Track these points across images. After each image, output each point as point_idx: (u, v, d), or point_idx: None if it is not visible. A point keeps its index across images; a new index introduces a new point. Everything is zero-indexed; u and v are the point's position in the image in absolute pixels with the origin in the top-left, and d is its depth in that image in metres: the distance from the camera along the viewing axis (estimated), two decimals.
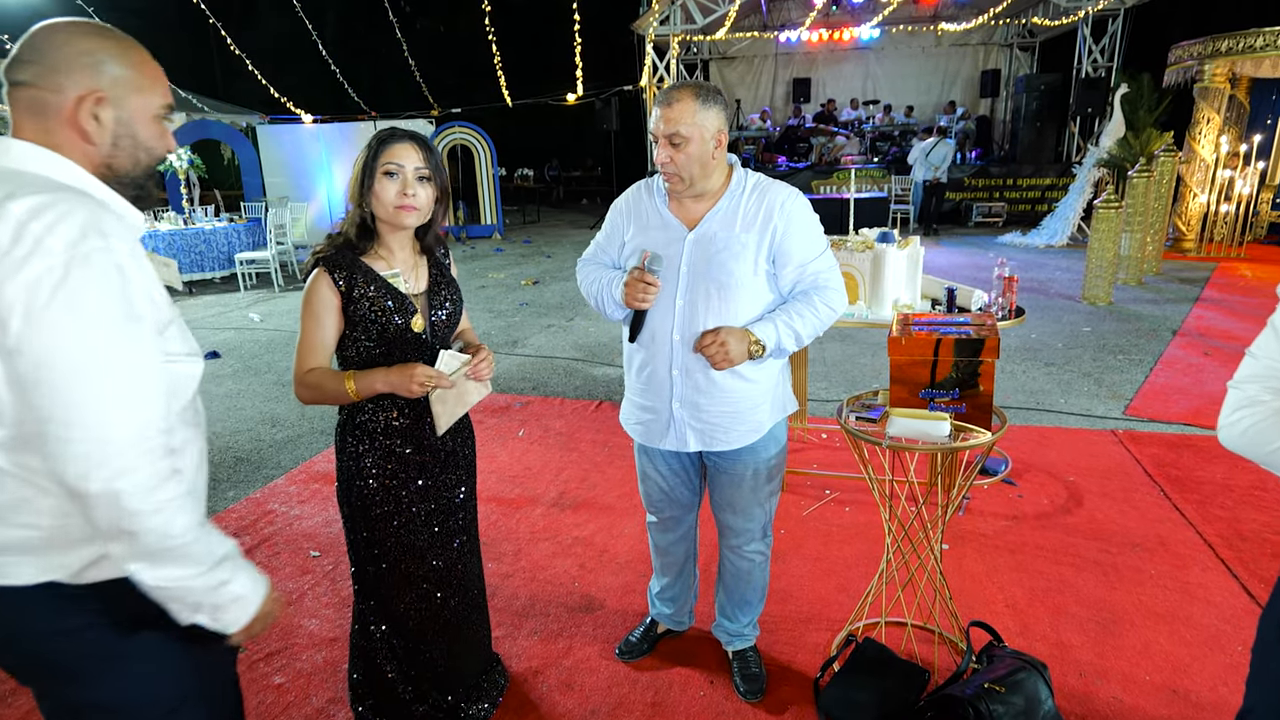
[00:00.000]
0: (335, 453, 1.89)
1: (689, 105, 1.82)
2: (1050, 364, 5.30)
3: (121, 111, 1.18)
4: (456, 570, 1.98)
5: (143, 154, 1.22)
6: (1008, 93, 15.27)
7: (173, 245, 9.22)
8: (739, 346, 1.87)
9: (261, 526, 3.37)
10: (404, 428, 1.83)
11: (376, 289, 1.72)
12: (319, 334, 1.72)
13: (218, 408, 5.03)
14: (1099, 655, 2.35)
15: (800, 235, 1.91)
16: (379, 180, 1.70)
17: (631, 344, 2.03)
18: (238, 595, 1.17)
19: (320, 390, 1.71)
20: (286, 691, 2.34)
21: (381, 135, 1.73)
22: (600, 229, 2.16)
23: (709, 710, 2.19)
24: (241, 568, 1.19)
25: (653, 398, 2.04)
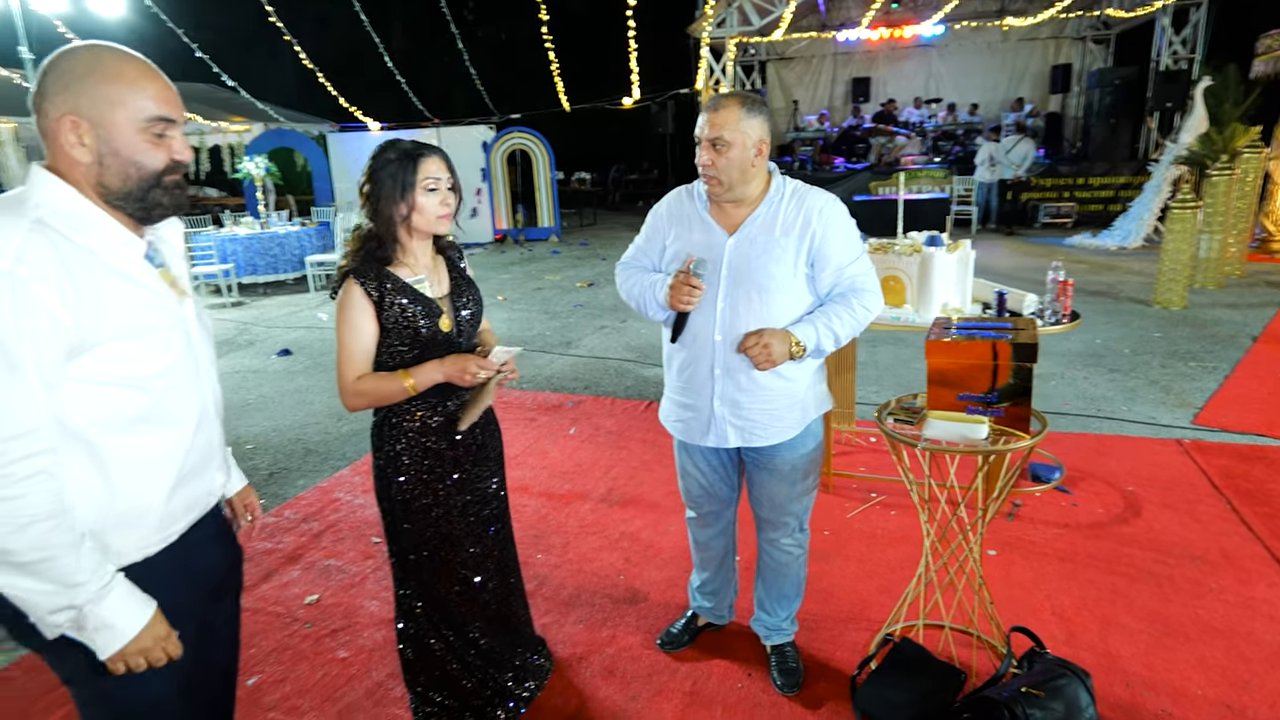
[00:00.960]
0: (373, 452, 1.97)
1: (734, 112, 1.89)
2: (1115, 370, 5.15)
3: (101, 130, 1.20)
4: (493, 556, 2.09)
5: (132, 169, 1.23)
6: (1080, 88, 14.74)
7: (250, 248, 9.69)
8: (781, 347, 1.92)
9: (328, 513, 3.56)
10: (439, 425, 1.92)
11: (406, 296, 1.82)
12: (359, 343, 1.81)
13: (289, 402, 5.29)
14: (1148, 667, 2.31)
15: (837, 239, 1.96)
16: (420, 195, 1.80)
17: (673, 344, 2.10)
18: (98, 627, 1.20)
19: (375, 394, 1.81)
20: (349, 665, 2.49)
21: (409, 150, 1.81)
22: (640, 233, 2.23)
23: (745, 701, 2.24)
24: (109, 605, 1.21)
25: (694, 396, 2.11)
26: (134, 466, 1.27)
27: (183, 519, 1.37)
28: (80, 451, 1.22)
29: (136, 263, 1.28)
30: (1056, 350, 5.63)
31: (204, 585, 1.45)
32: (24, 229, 1.13)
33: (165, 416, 1.30)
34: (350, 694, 2.38)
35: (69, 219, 1.20)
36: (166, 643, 1.29)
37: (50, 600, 1.17)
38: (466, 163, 13.62)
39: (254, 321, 8.11)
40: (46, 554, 1.15)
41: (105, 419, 1.23)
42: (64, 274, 1.15)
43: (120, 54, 1.24)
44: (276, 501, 3.75)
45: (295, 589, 2.97)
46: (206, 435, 1.41)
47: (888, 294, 3.33)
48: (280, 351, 6.68)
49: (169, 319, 1.32)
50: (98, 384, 1.21)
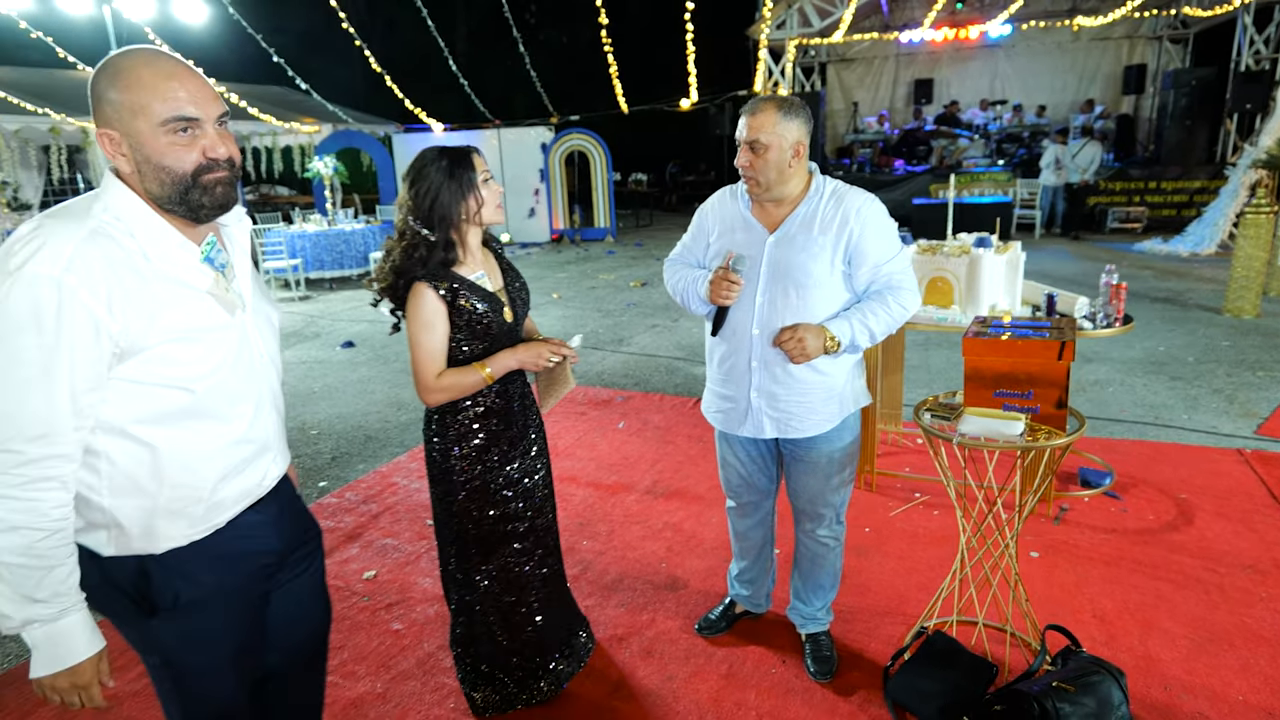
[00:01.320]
0: (430, 435, 2.07)
1: (771, 115, 1.97)
2: (1177, 378, 5.01)
3: (131, 139, 1.23)
4: (539, 537, 2.20)
5: (164, 174, 1.25)
6: (1154, 89, 14.22)
7: (318, 244, 10.11)
8: (815, 342, 1.98)
9: (386, 496, 3.75)
10: (499, 408, 2.05)
11: (474, 293, 1.93)
12: (436, 342, 1.91)
13: (351, 391, 5.54)
14: (1188, 671, 2.29)
15: (875, 238, 2.01)
16: (481, 190, 1.92)
17: (714, 337, 2.19)
18: (37, 644, 1.22)
19: (456, 388, 1.93)
20: (403, 636, 2.65)
21: (456, 152, 1.91)
22: (688, 230, 2.32)
23: (779, 686, 2.31)
24: (58, 629, 1.22)
25: (732, 387, 2.19)
26: (181, 459, 1.31)
27: (233, 507, 1.41)
28: (129, 443, 1.27)
29: (191, 267, 1.31)
30: (1116, 357, 5.50)
31: (254, 565, 1.49)
32: (79, 238, 1.18)
33: (212, 413, 1.34)
34: (403, 663, 2.52)
35: (128, 225, 1.25)
36: (86, 691, 1.30)
37: (3, 604, 1.19)
38: (525, 163, 13.90)
39: (320, 315, 8.46)
40: (23, 561, 1.18)
41: (149, 415, 1.28)
42: (114, 282, 1.19)
43: (140, 59, 1.24)
44: (338, 484, 3.95)
45: (354, 565, 3.15)
46: (261, 428, 1.45)
47: (936, 295, 3.35)
48: (344, 344, 6.97)
49: (220, 322, 1.34)
50: (145, 384, 1.26)
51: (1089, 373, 5.18)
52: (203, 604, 1.40)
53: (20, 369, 1.16)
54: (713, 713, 2.22)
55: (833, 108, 16.06)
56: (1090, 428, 4.20)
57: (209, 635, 1.42)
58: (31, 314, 1.14)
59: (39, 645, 1.25)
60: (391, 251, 1.95)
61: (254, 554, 1.48)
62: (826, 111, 15.05)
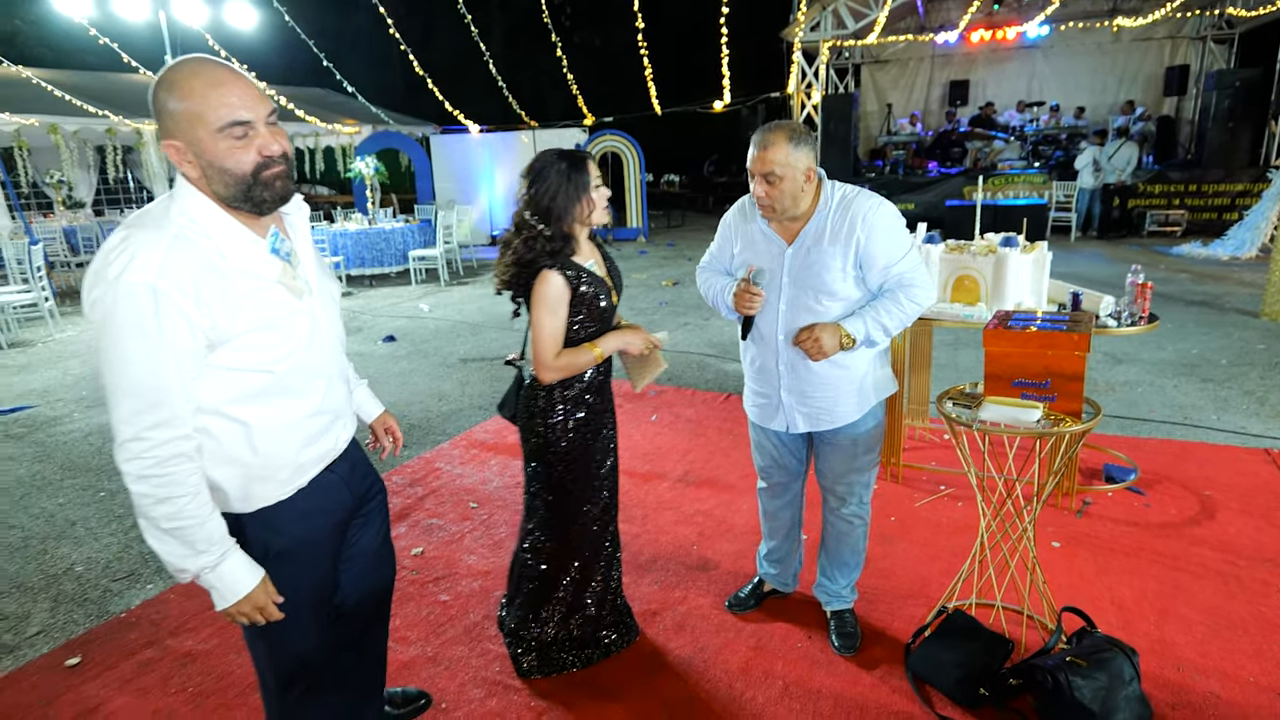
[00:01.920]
0: (535, 410, 2.20)
1: (783, 147, 2.07)
2: (1208, 380, 5.02)
3: (194, 146, 1.34)
4: (610, 514, 2.38)
5: (227, 176, 1.36)
6: (1197, 90, 13.99)
7: (358, 242, 10.40)
8: (831, 340, 2.12)
9: (430, 481, 3.94)
10: (598, 384, 2.25)
11: (591, 280, 2.12)
12: (558, 324, 2.08)
13: (394, 383, 5.77)
14: (1202, 654, 2.37)
15: (881, 242, 2.13)
16: (594, 193, 2.10)
17: (744, 341, 2.36)
18: (212, 585, 1.44)
19: (571, 366, 2.11)
20: (450, 607, 2.83)
21: (574, 158, 2.09)
22: (714, 239, 2.48)
23: (804, 659, 2.44)
24: (223, 571, 1.43)
25: (765, 386, 2.38)
26: (269, 432, 1.49)
27: (312, 469, 1.59)
28: (226, 421, 1.45)
29: (261, 260, 1.45)
30: (1147, 358, 5.52)
31: (334, 519, 1.67)
32: (165, 245, 1.32)
33: (292, 389, 1.50)
34: (450, 630, 2.70)
35: (204, 227, 1.38)
36: (264, 610, 1.51)
37: (178, 560, 1.41)
38: None
39: (361, 310, 8.74)
40: (180, 524, 1.38)
41: (239, 395, 1.44)
42: (200, 282, 1.33)
43: (193, 68, 1.34)
44: (385, 468, 4.15)
45: (403, 542, 3.34)
46: (332, 400, 1.62)
47: (962, 293, 3.45)
48: (385, 338, 7.22)
49: (292, 308, 1.48)
50: (234, 370, 1.42)
51: (1119, 374, 5.22)
52: (289, 554, 1.59)
53: (133, 368, 1.33)
54: (741, 681, 2.36)
55: (866, 109, 16.05)
56: (1118, 427, 4.25)
57: (294, 583, 1.60)
58: (135, 319, 1.30)
59: (214, 586, 1.45)
60: (511, 244, 2.12)
61: (330, 509, 1.66)
62: (860, 113, 15.04)
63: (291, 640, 1.67)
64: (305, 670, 1.71)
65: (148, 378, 1.33)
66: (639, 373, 2.35)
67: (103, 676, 2.52)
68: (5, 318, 7.58)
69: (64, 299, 9.83)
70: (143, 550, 3.36)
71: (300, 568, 1.61)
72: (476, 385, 5.63)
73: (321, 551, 1.67)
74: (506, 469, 4.07)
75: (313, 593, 1.66)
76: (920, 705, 2.21)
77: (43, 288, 7.87)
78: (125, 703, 2.39)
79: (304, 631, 1.68)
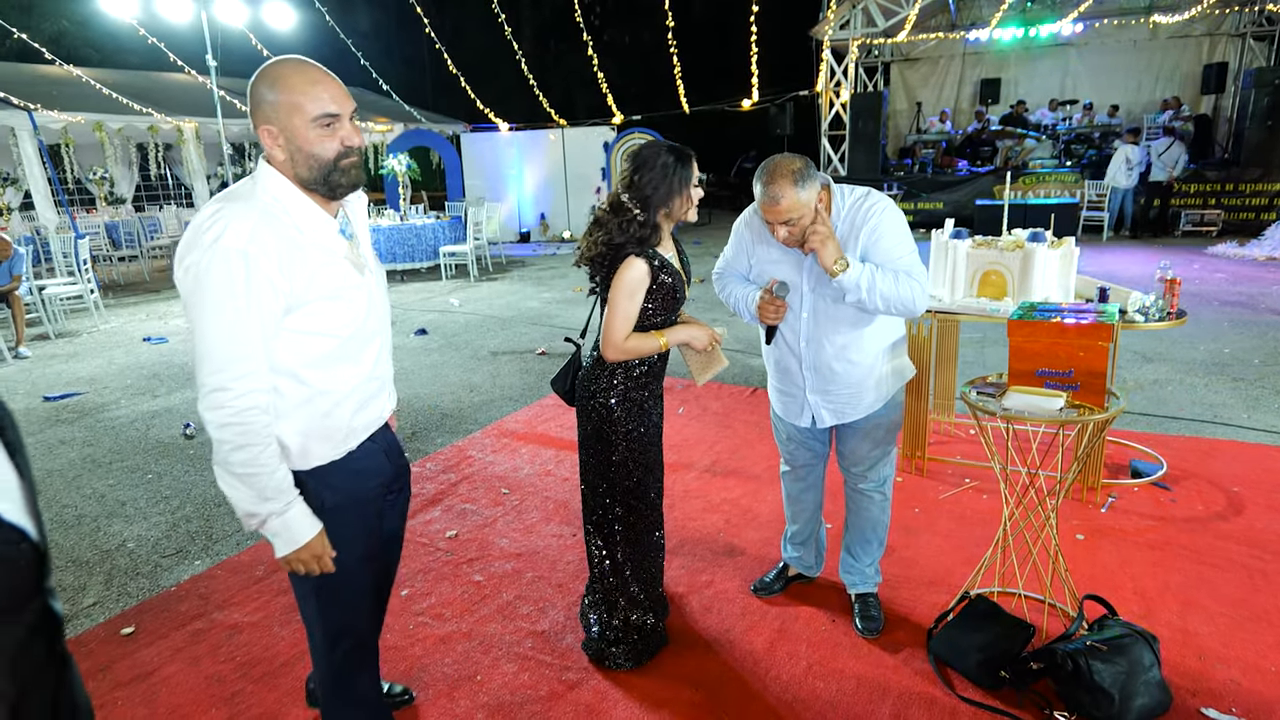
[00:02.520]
0: (597, 391, 2.26)
1: (789, 194, 2.09)
2: (1239, 379, 4.98)
3: (287, 132, 1.51)
4: (660, 496, 2.46)
5: (313, 160, 1.53)
6: (1235, 88, 13.73)
7: (390, 238, 10.60)
8: (834, 249, 2.13)
9: (463, 468, 4.06)
10: (659, 369, 2.33)
11: (669, 269, 2.19)
12: (634, 309, 2.15)
13: (426, 375, 5.90)
14: (1224, 644, 2.40)
15: (885, 244, 2.20)
16: (692, 190, 2.17)
17: (768, 345, 2.46)
18: (277, 532, 1.56)
19: (637, 350, 2.18)
20: (483, 587, 2.93)
21: (682, 153, 2.16)
22: (728, 244, 2.53)
23: (828, 641, 2.50)
24: (289, 518, 1.55)
25: (789, 385, 2.47)
26: (330, 394, 1.63)
27: (362, 434, 1.73)
28: (293, 382, 1.59)
29: (332, 235, 1.61)
30: (1178, 357, 5.48)
31: (376, 483, 1.80)
32: (254, 217, 1.48)
33: (350, 357, 1.66)
34: (484, 609, 2.80)
35: (284, 204, 1.54)
36: (321, 559, 1.63)
37: (249, 505, 1.53)
38: (587, 162, 14.23)
39: (394, 304, 8.85)
40: (253, 470, 1.51)
41: (309, 359, 1.59)
42: (282, 250, 1.49)
43: (294, 66, 1.53)
44: (418, 455, 4.28)
45: (437, 525, 3.45)
46: (383, 369, 1.79)
47: (989, 288, 3.48)
48: (417, 331, 7.37)
49: (356, 282, 1.64)
50: (305, 334, 1.57)
51: (1148, 372, 5.19)
52: (342, 509, 1.72)
53: (224, 325, 1.47)
54: (766, 661, 2.43)
55: (895, 108, 15.96)
56: (1146, 424, 4.25)
57: (346, 535, 1.72)
58: (227, 280, 1.45)
59: (278, 533, 1.58)
60: (603, 223, 2.18)
61: (374, 472, 1.80)
62: (889, 111, 14.98)
63: (343, 595, 1.79)
64: (352, 628, 1.83)
65: (236, 333, 1.47)
66: (700, 368, 2.41)
67: (156, 645, 2.66)
68: (53, 309, 7.86)
69: (107, 291, 10.14)
70: (190, 529, 3.51)
71: (351, 522, 1.74)
72: (507, 377, 5.75)
73: (369, 510, 1.79)
74: (537, 457, 4.17)
75: (362, 547, 1.78)
76: (942, 687, 2.26)
77: (88, 280, 8.14)
78: (178, 669, 2.52)
79: (355, 587, 1.80)
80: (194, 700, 2.36)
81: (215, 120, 10.46)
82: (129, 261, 12.24)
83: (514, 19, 14.86)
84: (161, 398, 5.52)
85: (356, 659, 1.87)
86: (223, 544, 3.37)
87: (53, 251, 8.46)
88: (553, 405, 5.00)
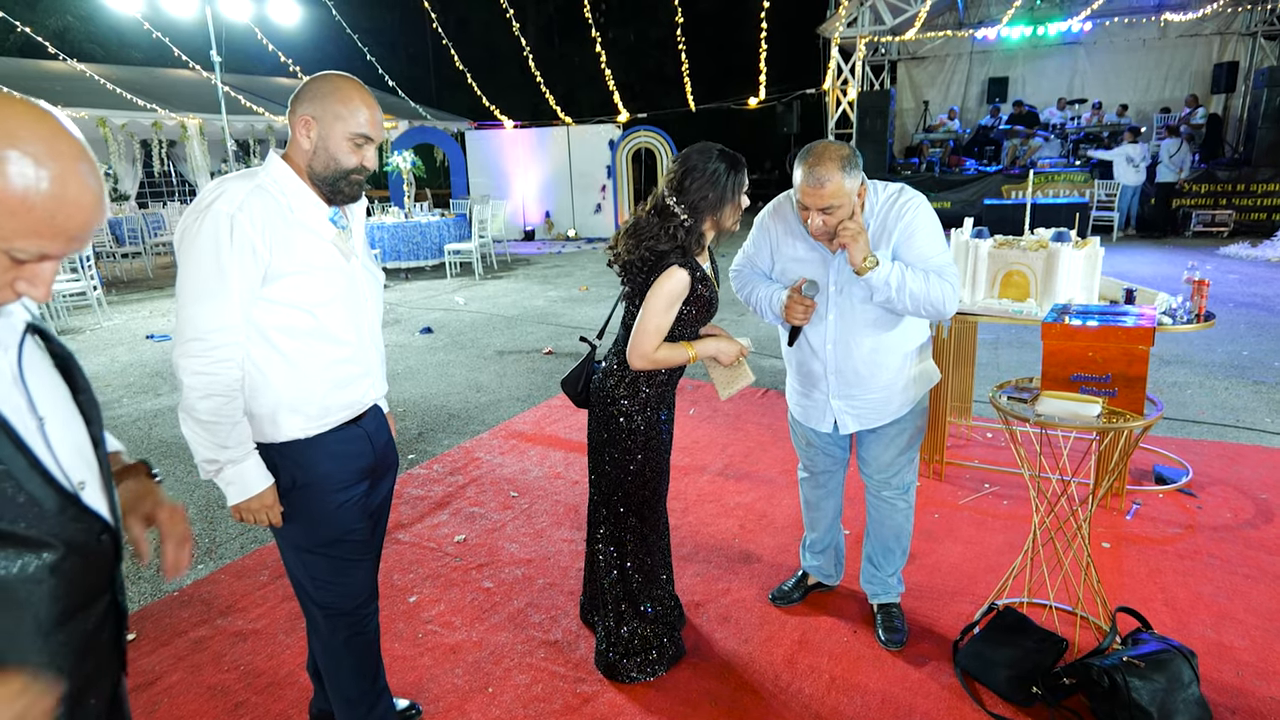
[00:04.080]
0: (618, 398, 2.19)
1: (836, 179, 1.99)
2: (1260, 382, 4.89)
3: (323, 131, 1.64)
4: (666, 503, 2.39)
5: (332, 163, 1.67)
6: (1246, 87, 13.60)
7: (395, 236, 10.53)
8: (865, 246, 2.05)
9: (471, 470, 3.98)
10: (677, 377, 2.25)
11: (706, 281, 2.11)
12: (668, 320, 2.07)
13: (432, 374, 5.83)
14: (1262, 658, 2.32)
15: (918, 242, 2.12)
16: (742, 199, 2.08)
17: (790, 347, 2.35)
18: (231, 480, 1.65)
19: (666, 361, 2.10)
20: (493, 594, 2.85)
21: (735, 161, 2.06)
22: (748, 239, 2.44)
23: (850, 653, 2.43)
24: (243, 468, 1.64)
25: (812, 390, 2.38)
26: (304, 366, 1.69)
27: (337, 414, 1.77)
28: (270, 348, 1.67)
29: (321, 221, 1.71)
30: (1197, 360, 5.39)
31: (353, 466, 1.82)
32: (248, 189, 1.61)
33: (327, 334, 1.71)
34: (494, 617, 2.73)
35: (281, 185, 1.66)
36: (270, 510, 1.71)
37: (208, 452, 1.62)
38: (592, 160, 14.16)
39: (398, 302, 8.84)
40: (216, 419, 1.60)
41: (287, 328, 1.66)
42: (267, 221, 1.60)
43: (353, 84, 1.68)
44: (425, 457, 4.20)
45: (445, 529, 3.38)
46: (364, 355, 1.81)
47: (1011, 289, 3.39)
48: (423, 329, 7.30)
49: (335, 264, 1.72)
50: (282, 304, 1.65)
51: (1168, 375, 5.10)
52: (314, 488, 1.76)
53: (205, 279, 1.58)
54: (787, 674, 2.35)
55: (902, 106, 15.85)
56: (1168, 428, 4.16)
57: (319, 514, 1.78)
58: (214, 238, 1.57)
59: (232, 482, 1.66)
60: (645, 227, 2.07)
61: (353, 456, 1.83)
62: (896, 110, 14.86)
63: (322, 574, 1.83)
64: (347, 610, 1.88)
65: (215, 287, 1.57)
66: (726, 382, 2.31)
67: (158, 652, 2.58)
68: (55, 305, 7.79)
69: (110, 288, 10.08)
70: (193, 532, 3.44)
71: (324, 502, 1.78)
72: (513, 377, 5.67)
73: (344, 495, 1.81)
74: (546, 459, 4.09)
75: (338, 528, 1.81)
76: (971, 703, 2.18)
77: (91, 277, 8.08)
78: (180, 678, 2.45)
79: (336, 566, 1.84)
80: (196, 713, 2.29)
81: (219, 116, 10.40)
82: (132, 258, 12.18)
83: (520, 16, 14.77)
84: (164, 396, 5.45)
85: (359, 643, 1.92)
86: (226, 547, 3.30)
87: None
88: (561, 406, 4.92)
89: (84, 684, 0.95)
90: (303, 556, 1.82)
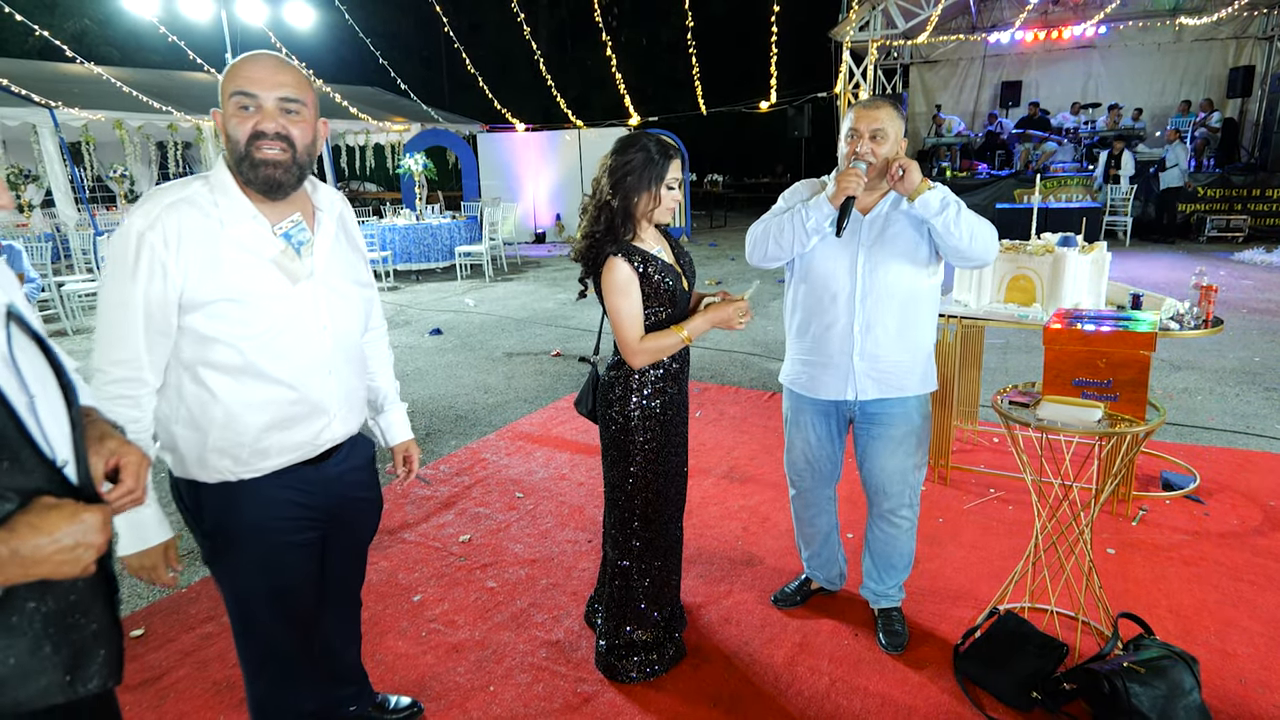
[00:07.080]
0: (614, 399, 2.18)
1: (890, 110, 2.17)
2: (1271, 389, 4.85)
3: (222, 113, 1.46)
4: (680, 505, 2.37)
5: (230, 144, 1.46)
6: (1262, 91, 13.48)
7: (406, 238, 10.59)
8: (919, 174, 2.10)
9: (477, 470, 4.01)
10: (676, 371, 2.23)
11: (657, 265, 2.10)
12: (635, 307, 2.06)
13: (440, 375, 5.86)
14: (1265, 667, 2.30)
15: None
16: (663, 190, 2.07)
17: (839, 237, 2.18)
18: (119, 531, 1.46)
19: (658, 348, 2.09)
20: (497, 593, 2.87)
21: (665, 150, 2.06)
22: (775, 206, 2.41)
23: (851, 657, 2.43)
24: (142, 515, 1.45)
25: (827, 355, 2.31)
26: (231, 406, 1.50)
27: (277, 458, 1.56)
28: (193, 385, 1.49)
29: (260, 236, 1.49)
30: (1207, 366, 5.35)
31: (296, 516, 1.62)
32: (168, 202, 1.43)
33: (260, 371, 1.50)
34: (498, 616, 2.74)
35: (214, 197, 1.47)
36: (154, 571, 1.52)
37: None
38: None
39: (409, 304, 8.90)
40: None
41: (209, 362, 1.48)
42: (187, 238, 1.42)
43: (249, 53, 1.48)
44: (432, 457, 4.23)
45: (450, 529, 3.40)
46: (316, 391, 1.58)
47: (1018, 293, 3.39)
48: (432, 331, 7.34)
49: (275, 290, 1.50)
50: (204, 336, 1.46)
51: (1177, 380, 5.07)
52: (243, 538, 1.59)
53: (110, 306, 1.44)
54: (787, 676, 2.36)
55: (914, 110, 15.80)
56: (1176, 434, 4.14)
57: (246, 567, 1.62)
58: (121, 260, 1.42)
59: (124, 530, 1.49)
60: (585, 210, 2.13)
61: (296, 504, 1.62)
62: (908, 114, 14.81)
63: (256, 626, 1.69)
64: (271, 660, 1.73)
65: (117, 316, 1.43)
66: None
67: (165, 648, 2.62)
68: (71, 305, 7.89)
69: None
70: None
71: (254, 554, 1.60)
72: (522, 379, 5.70)
73: (280, 544, 1.62)
74: (552, 461, 4.11)
75: (268, 582, 1.63)
76: (970, 707, 2.18)
77: None
78: (186, 674, 2.48)
79: (266, 619, 1.67)
80: (202, 708, 2.32)
81: None
82: None
83: (532, 19, 14.83)
84: None
85: (283, 690, 1.77)
86: None
87: (72, 248, 8.51)
88: (567, 408, 4.94)
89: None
90: (239, 611, 1.66)
